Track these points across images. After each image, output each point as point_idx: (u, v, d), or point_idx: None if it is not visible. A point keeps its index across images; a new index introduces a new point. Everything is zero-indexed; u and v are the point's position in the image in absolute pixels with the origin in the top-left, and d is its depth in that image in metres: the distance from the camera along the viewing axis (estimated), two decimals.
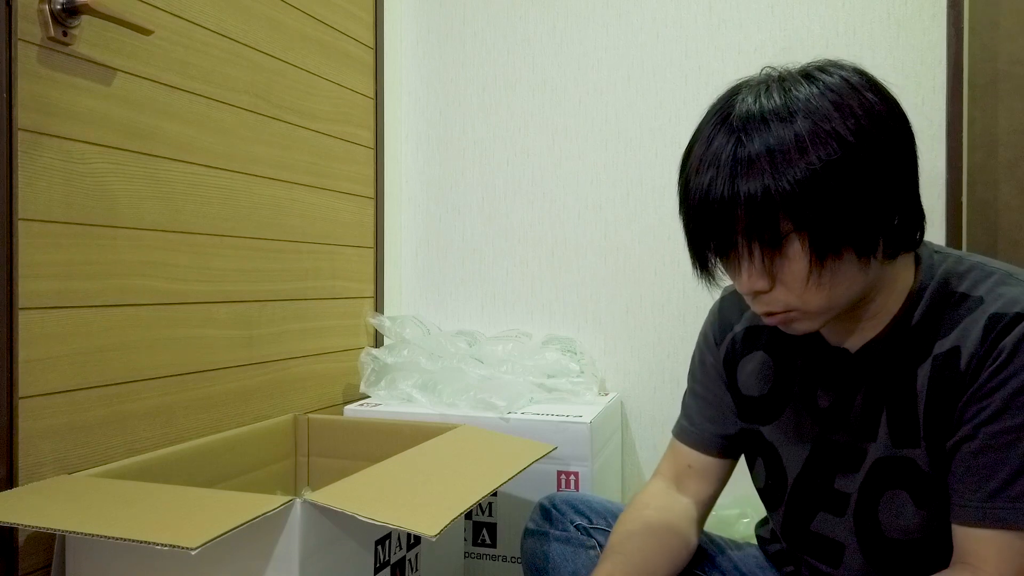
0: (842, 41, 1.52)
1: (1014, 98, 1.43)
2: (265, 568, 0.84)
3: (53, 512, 0.81)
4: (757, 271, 0.68)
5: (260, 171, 1.37)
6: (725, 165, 0.66)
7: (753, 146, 0.65)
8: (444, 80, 1.83)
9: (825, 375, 0.81)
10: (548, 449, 1.14)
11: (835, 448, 0.80)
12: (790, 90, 0.67)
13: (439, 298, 1.84)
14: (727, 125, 0.67)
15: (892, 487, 0.76)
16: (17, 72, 0.93)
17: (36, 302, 0.96)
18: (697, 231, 0.70)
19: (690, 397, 0.95)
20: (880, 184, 0.65)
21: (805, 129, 0.64)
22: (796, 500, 0.84)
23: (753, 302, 0.73)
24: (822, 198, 0.63)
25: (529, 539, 0.99)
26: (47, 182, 0.97)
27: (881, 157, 0.65)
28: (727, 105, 0.69)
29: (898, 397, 0.75)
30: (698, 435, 0.92)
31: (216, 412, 1.27)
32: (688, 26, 1.63)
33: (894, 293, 0.74)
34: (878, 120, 0.65)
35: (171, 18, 1.17)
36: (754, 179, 0.64)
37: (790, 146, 0.63)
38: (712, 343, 0.92)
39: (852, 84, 0.67)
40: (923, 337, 0.74)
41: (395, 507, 0.83)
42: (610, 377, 1.69)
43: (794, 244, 0.66)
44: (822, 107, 0.65)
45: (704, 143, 0.69)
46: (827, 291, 0.68)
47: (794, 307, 0.70)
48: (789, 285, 0.68)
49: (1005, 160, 1.43)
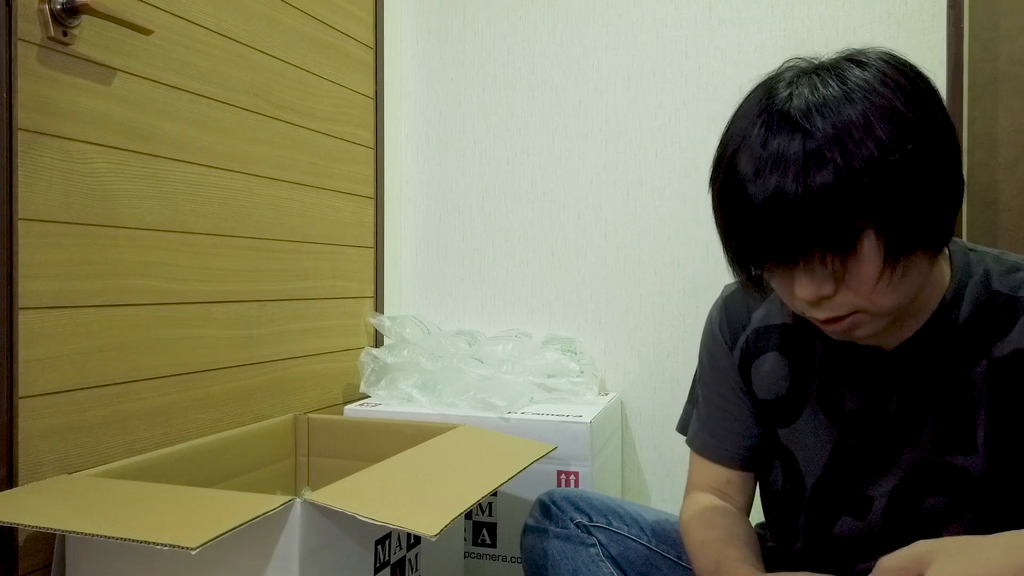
0: (842, 41, 1.52)
1: (1014, 98, 1.42)
2: (265, 568, 0.84)
3: (53, 512, 0.81)
4: (826, 275, 0.65)
5: (260, 171, 1.37)
6: (795, 161, 0.61)
7: (822, 135, 0.61)
8: (444, 80, 1.83)
9: (854, 375, 0.78)
10: (548, 449, 1.14)
11: (859, 451, 0.78)
12: (844, 76, 0.64)
13: (439, 298, 1.84)
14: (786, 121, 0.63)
15: (933, 494, 0.74)
16: (17, 72, 0.93)
17: (36, 302, 0.96)
18: (761, 240, 0.65)
19: (707, 408, 0.90)
20: (943, 167, 0.63)
21: (869, 109, 0.61)
22: (817, 504, 0.82)
23: (813, 309, 0.68)
24: (896, 183, 0.61)
25: (529, 536, 0.99)
26: (47, 182, 0.97)
27: (939, 136, 0.63)
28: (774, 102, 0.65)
29: (948, 400, 0.72)
30: (726, 450, 0.89)
31: (216, 412, 1.27)
32: (688, 26, 1.63)
33: (934, 289, 0.72)
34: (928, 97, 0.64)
35: (171, 18, 1.17)
36: (827, 170, 0.60)
37: (859, 127, 0.61)
38: (724, 346, 0.88)
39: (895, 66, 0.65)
40: (975, 337, 0.71)
41: (395, 507, 0.83)
42: (610, 377, 1.69)
43: (868, 243, 0.62)
44: (880, 88, 0.62)
45: (757, 145, 0.64)
46: (897, 290, 0.65)
47: (861, 308, 0.66)
48: (857, 287, 0.65)
49: (1005, 160, 1.43)
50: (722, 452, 0.89)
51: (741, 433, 0.88)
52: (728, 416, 0.88)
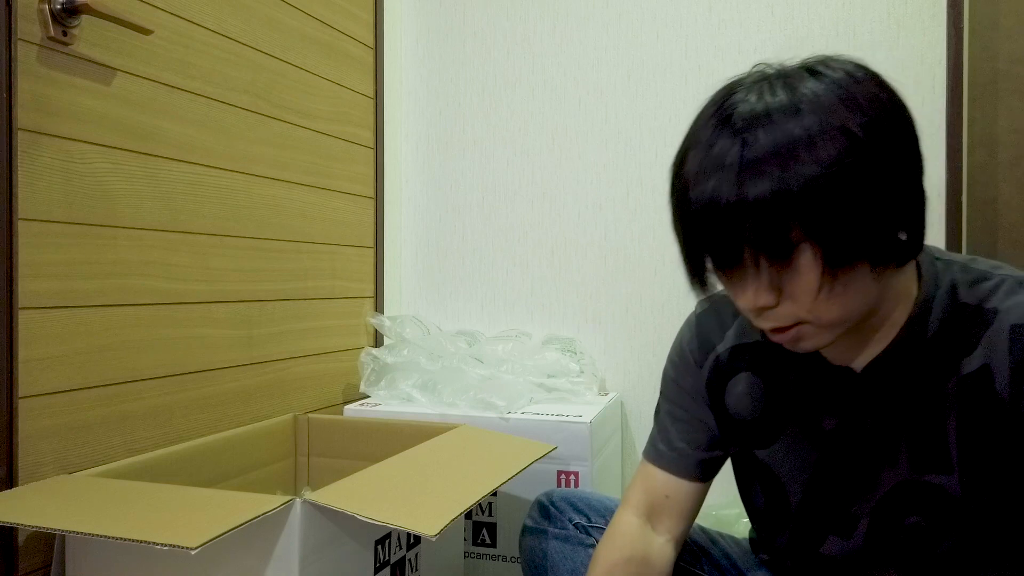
0: (842, 41, 1.52)
1: (1014, 98, 1.42)
2: (265, 568, 0.84)
3: (53, 512, 0.81)
4: (764, 285, 0.64)
5: (260, 171, 1.37)
6: (731, 169, 0.61)
7: (760, 146, 0.60)
8: (444, 80, 1.83)
9: (828, 396, 0.76)
10: (548, 449, 1.14)
11: (843, 472, 0.76)
12: (795, 86, 0.62)
13: (439, 298, 1.84)
14: (729, 126, 0.63)
15: (912, 513, 0.72)
16: (17, 72, 0.93)
17: (36, 302, 0.96)
18: (698, 243, 0.66)
19: (667, 419, 0.88)
20: (893, 183, 0.61)
21: (814, 124, 0.60)
22: (803, 525, 0.81)
23: (757, 319, 0.68)
24: (835, 201, 0.59)
25: (528, 537, 0.99)
26: (47, 182, 0.97)
27: (892, 153, 0.61)
28: (725, 106, 0.65)
29: (920, 419, 0.71)
30: (678, 460, 0.86)
31: (216, 412, 1.27)
32: (688, 26, 1.63)
33: (899, 304, 0.70)
34: (886, 114, 0.62)
35: (171, 18, 1.17)
36: (762, 181, 0.59)
37: (800, 143, 0.59)
38: (692, 363, 0.86)
39: (856, 78, 0.63)
40: (943, 353, 0.69)
41: (395, 507, 0.83)
42: (610, 377, 1.69)
43: (804, 254, 0.61)
44: (829, 102, 0.61)
45: (703, 148, 0.64)
46: (839, 303, 0.64)
47: (804, 320, 0.65)
48: (798, 299, 0.64)
49: (1005, 160, 1.43)
50: (674, 461, 0.86)
51: (698, 446, 0.85)
52: (688, 428, 0.86)
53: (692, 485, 0.86)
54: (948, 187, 1.44)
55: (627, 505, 0.88)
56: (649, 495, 0.87)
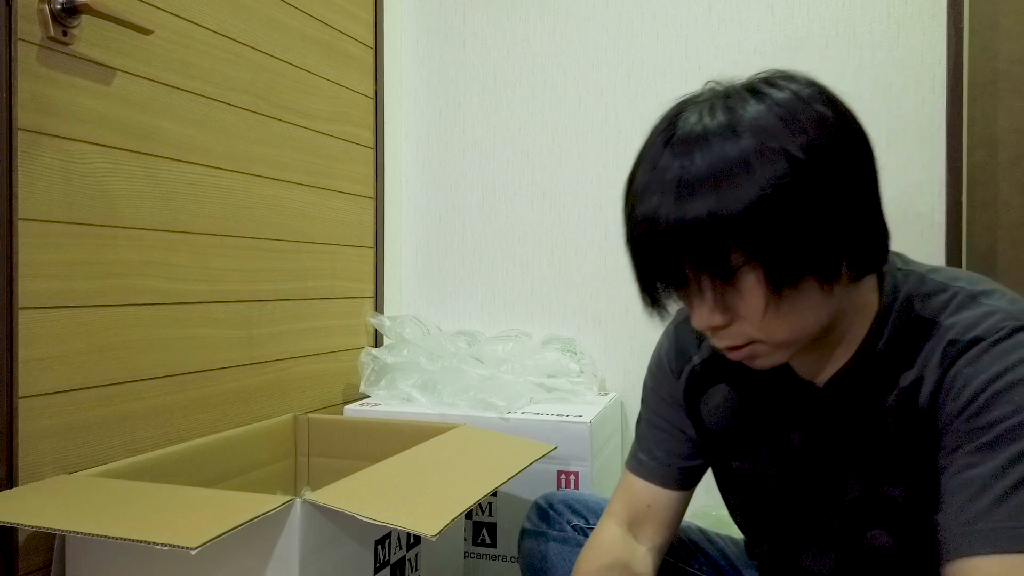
0: (842, 41, 1.52)
1: (1014, 98, 1.42)
2: (265, 568, 0.85)
3: (53, 512, 0.81)
4: (711, 305, 0.64)
5: (260, 171, 1.37)
6: (670, 189, 0.61)
7: (696, 167, 0.60)
8: (444, 80, 1.83)
9: (794, 411, 0.76)
10: (548, 449, 1.14)
11: (812, 487, 0.76)
12: (734, 107, 0.62)
13: (439, 298, 1.84)
14: (670, 146, 0.63)
15: (873, 526, 0.72)
16: (17, 72, 0.93)
17: (36, 302, 0.96)
18: (644, 262, 0.65)
19: (646, 428, 0.88)
20: (837, 203, 0.60)
21: (751, 147, 0.59)
22: (781, 538, 0.81)
23: (712, 338, 0.68)
24: (774, 223, 0.58)
25: (527, 539, 0.99)
26: (47, 182, 0.97)
27: (836, 174, 0.60)
28: (671, 125, 0.64)
29: (871, 432, 0.71)
30: (658, 469, 0.86)
31: (216, 412, 1.27)
32: (688, 26, 1.63)
33: (859, 318, 0.70)
34: (831, 135, 0.61)
35: (171, 18, 1.17)
36: (700, 202, 0.59)
37: (735, 166, 0.59)
38: (669, 373, 0.86)
39: (802, 97, 0.62)
40: (889, 367, 0.69)
41: (395, 507, 0.83)
42: (610, 377, 1.69)
43: (748, 275, 0.61)
44: (769, 123, 0.60)
45: (648, 165, 0.64)
46: (789, 322, 0.63)
47: (757, 339, 0.65)
48: (747, 318, 0.64)
49: (1005, 160, 1.43)
50: (655, 471, 0.86)
51: (679, 454, 0.85)
52: (668, 437, 0.86)
53: (673, 494, 0.86)
54: (948, 187, 1.44)
55: (609, 515, 0.88)
56: (631, 505, 0.87)
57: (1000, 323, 0.63)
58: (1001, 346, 0.62)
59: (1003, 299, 0.66)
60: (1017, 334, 0.63)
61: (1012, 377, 0.61)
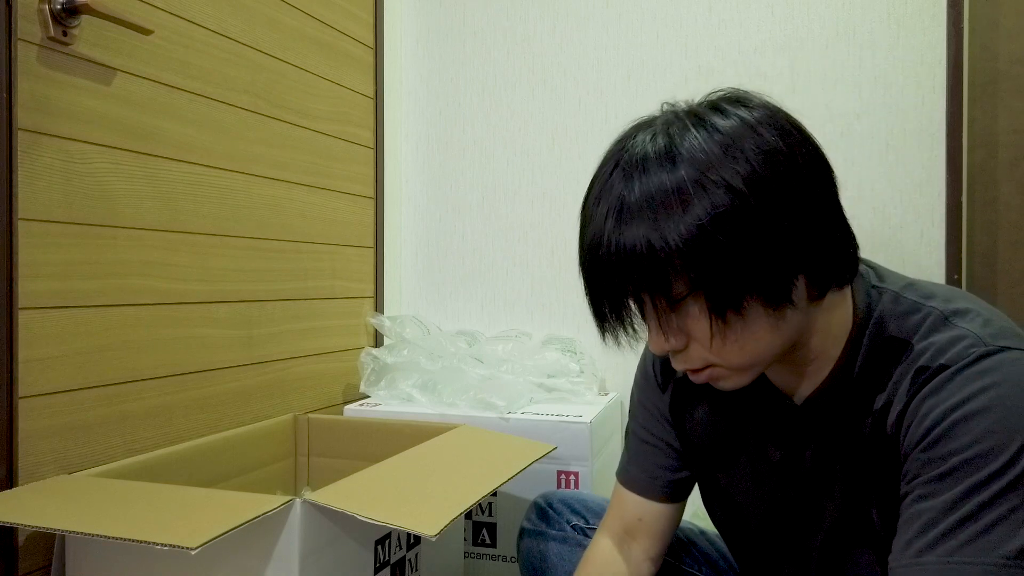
0: (842, 41, 1.52)
1: (1014, 98, 1.42)
2: (265, 568, 0.84)
3: (53, 512, 0.81)
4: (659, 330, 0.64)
5: (260, 171, 1.37)
6: (612, 213, 0.60)
7: (635, 194, 0.60)
8: (444, 80, 1.83)
9: (773, 427, 0.75)
10: (548, 449, 1.14)
11: (792, 503, 0.76)
12: (675, 135, 0.61)
13: (439, 298, 1.84)
14: (619, 168, 0.62)
15: (857, 546, 0.71)
16: (17, 72, 0.93)
17: (36, 302, 0.96)
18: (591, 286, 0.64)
19: (635, 441, 0.88)
20: (783, 230, 0.59)
21: (689, 178, 0.58)
22: (761, 553, 0.81)
23: (672, 361, 0.67)
24: (713, 253, 0.58)
25: (526, 539, 0.99)
26: (47, 182, 0.97)
27: (781, 201, 0.59)
28: (622, 147, 0.64)
29: (849, 453, 0.70)
30: (647, 482, 0.85)
31: (216, 412, 1.27)
32: (688, 26, 1.63)
33: (830, 336, 0.69)
34: (776, 161, 0.59)
35: (171, 18, 1.17)
36: (637, 230, 0.59)
37: (671, 197, 0.58)
38: (656, 387, 0.86)
39: (747, 123, 0.61)
40: (864, 389, 0.68)
41: (395, 507, 0.83)
42: (610, 377, 1.69)
43: (692, 303, 0.61)
44: (709, 153, 0.59)
45: (599, 186, 0.64)
46: (740, 345, 0.63)
47: (713, 363, 0.65)
48: (700, 342, 0.63)
49: (1005, 160, 1.43)
50: (645, 484, 0.86)
51: (667, 467, 0.85)
52: (656, 451, 0.86)
53: (664, 507, 0.85)
54: (948, 187, 1.44)
55: (603, 529, 0.88)
56: (623, 519, 0.87)
57: (967, 349, 0.62)
58: (964, 374, 0.61)
59: (976, 320, 0.64)
60: (981, 361, 0.61)
61: (971, 407, 0.59)
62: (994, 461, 0.57)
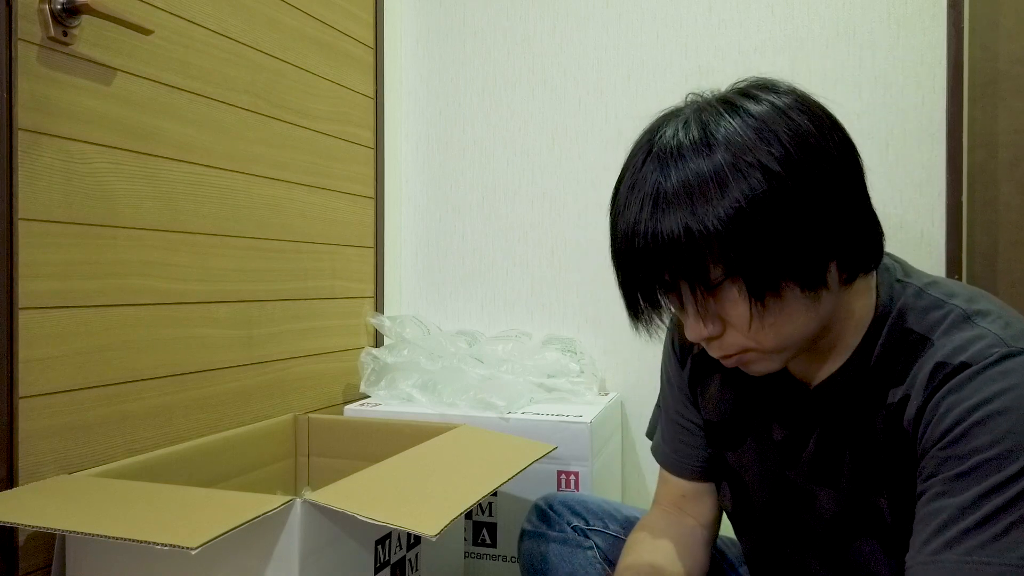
0: (842, 41, 1.52)
1: (1014, 98, 1.42)
2: (265, 568, 0.84)
3: (53, 512, 0.81)
4: (697, 317, 0.64)
5: (260, 171, 1.37)
6: (648, 202, 0.62)
7: (671, 182, 0.61)
8: (444, 80, 1.83)
9: (781, 408, 0.76)
10: (548, 449, 1.14)
11: (792, 486, 0.76)
12: (708, 122, 0.62)
13: (439, 298, 1.84)
14: (651, 158, 0.63)
15: (862, 535, 0.72)
16: (17, 72, 0.93)
17: (36, 302, 0.96)
18: (626, 276, 0.66)
19: (665, 421, 0.90)
20: (818, 212, 0.60)
21: (725, 162, 0.59)
22: (763, 532, 0.81)
23: (707, 347, 0.68)
24: (751, 237, 0.59)
25: (526, 540, 0.99)
26: (47, 182, 0.97)
27: (816, 184, 0.60)
28: (651, 139, 0.65)
29: (861, 442, 0.70)
30: (680, 463, 0.88)
31: (216, 412, 1.27)
32: (688, 26, 1.63)
33: (851, 323, 0.69)
34: (809, 145, 0.61)
35: (171, 18, 1.17)
36: (675, 218, 0.60)
37: (709, 181, 0.59)
38: (676, 363, 0.88)
39: (779, 108, 0.62)
40: (880, 380, 0.69)
41: (395, 507, 0.83)
42: (610, 377, 1.69)
43: (729, 288, 0.62)
44: (744, 137, 0.60)
45: (629, 180, 0.65)
46: (777, 329, 0.63)
47: (749, 348, 0.65)
48: (736, 327, 0.64)
49: (1005, 160, 1.43)
50: (679, 465, 0.88)
51: (695, 446, 0.87)
52: (683, 431, 0.87)
53: (702, 484, 0.88)
54: (948, 187, 1.44)
55: (655, 501, 0.92)
56: (669, 493, 0.90)
57: (988, 349, 0.62)
58: (986, 374, 0.61)
59: (997, 321, 0.64)
60: (1004, 361, 0.61)
61: (993, 407, 0.60)
62: (1015, 462, 0.58)
